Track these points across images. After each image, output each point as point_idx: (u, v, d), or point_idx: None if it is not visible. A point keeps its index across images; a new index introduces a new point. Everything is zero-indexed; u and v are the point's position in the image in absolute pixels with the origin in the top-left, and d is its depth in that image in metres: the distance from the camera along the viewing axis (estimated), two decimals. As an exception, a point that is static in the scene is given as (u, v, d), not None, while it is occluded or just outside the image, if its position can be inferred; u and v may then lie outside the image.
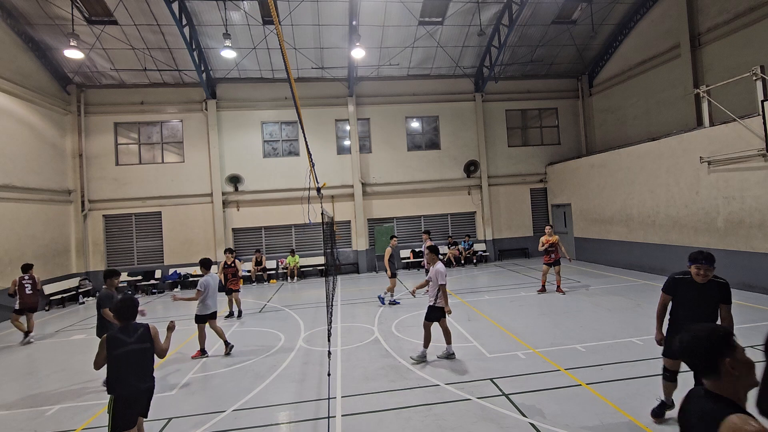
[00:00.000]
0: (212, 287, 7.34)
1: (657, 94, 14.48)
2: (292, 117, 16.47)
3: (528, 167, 18.06)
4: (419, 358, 6.35)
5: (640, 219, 12.74)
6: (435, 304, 6.31)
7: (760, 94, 8.84)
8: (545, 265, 10.54)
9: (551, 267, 10.44)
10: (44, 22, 13.03)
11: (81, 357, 7.67)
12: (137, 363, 3.71)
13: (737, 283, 9.65)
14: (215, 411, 5.12)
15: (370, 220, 17.03)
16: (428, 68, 17.14)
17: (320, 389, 5.59)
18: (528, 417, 4.51)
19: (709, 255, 4.02)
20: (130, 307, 3.84)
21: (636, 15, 15.14)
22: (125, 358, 3.64)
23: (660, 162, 11.83)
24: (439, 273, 6.27)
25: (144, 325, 3.88)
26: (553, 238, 10.41)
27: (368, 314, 9.63)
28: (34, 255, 12.67)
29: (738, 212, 9.65)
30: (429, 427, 4.43)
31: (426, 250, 6.74)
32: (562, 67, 17.95)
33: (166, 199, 15.72)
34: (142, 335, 3.78)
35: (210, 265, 7.73)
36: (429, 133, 17.81)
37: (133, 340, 3.72)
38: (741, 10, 11.50)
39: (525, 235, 17.85)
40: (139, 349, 3.73)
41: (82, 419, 5.15)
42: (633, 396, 4.82)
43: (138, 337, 3.76)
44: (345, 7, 13.76)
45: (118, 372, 3.61)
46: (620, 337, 6.89)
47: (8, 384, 6.60)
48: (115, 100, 15.66)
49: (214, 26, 14.05)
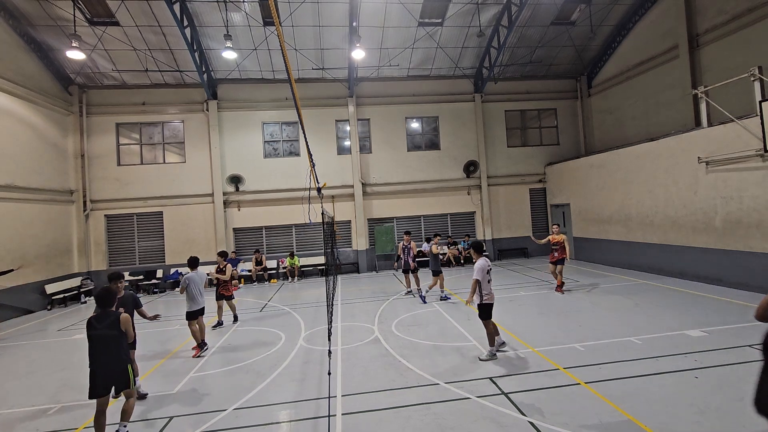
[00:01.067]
0: (196, 282, 7.50)
1: (656, 95, 14.53)
2: (292, 117, 16.52)
3: (527, 167, 18.11)
4: (489, 356, 6.30)
5: (639, 219, 12.79)
6: (483, 302, 6.31)
7: (758, 94, 8.90)
8: (551, 264, 10.63)
9: (556, 265, 10.50)
10: (46, 23, 13.09)
11: (82, 356, 7.69)
12: (106, 346, 4.34)
13: (735, 283, 9.71)
14: (216, 410, 5.16)
15: (370, 220, 17.07)
16: (428, 69, 17.19)
17: (320, 388, 5.64)
18: (527, 416, 4.55)
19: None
20: (105, 297, 4.45)
21: (635, 16, 15.19)
22: (96, 340, 4.31)
23: (658, 162, 11.87)
24: (475, 268, 6.30)
25: (117, 314, 4.49)
26: (560, 237, 10.48)
27: (368, 313, 9.67)
28: (36, 255, 12.74)
29: (736, 212, 9.69)
30: (429, 426, 4.47)
31: (469, 246, 6.72)
32: (561, 68, 18.00)
33: (168, 199, 15.77)
34: (111, 323, 4.38)
35: (197, 263, 7.82)
36: (429, 134, 17.86)
37: (102, 327, 4.34)
38: (739, 11, 11.55)
39: (524, 235, 17.88)
40: (107, 335, 4.34)
41: (83, 418, 5.19)
42: (632, 395, 4.87)
43: (107, 324, 4.36)
44: (345, 8, 13.81)
45: (91, 350, 4.32)
46: (619, 336, 6.94)
47: (10, 383, 6.64)
48: (116, 100, 15.72)
49: (215, 27, 14.10)
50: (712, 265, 10.32)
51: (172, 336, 8.81)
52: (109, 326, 4.35)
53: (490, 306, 6.33)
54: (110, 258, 15.52)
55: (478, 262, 6.37)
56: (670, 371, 5.44)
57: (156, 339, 8.65)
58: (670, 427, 4.15)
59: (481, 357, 6.36)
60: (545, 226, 18.18)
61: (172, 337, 8.69)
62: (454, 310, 9.50)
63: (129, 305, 5.62)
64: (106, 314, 4.42)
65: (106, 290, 4.51)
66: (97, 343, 4.31)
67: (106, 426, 4.42)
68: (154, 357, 7.43)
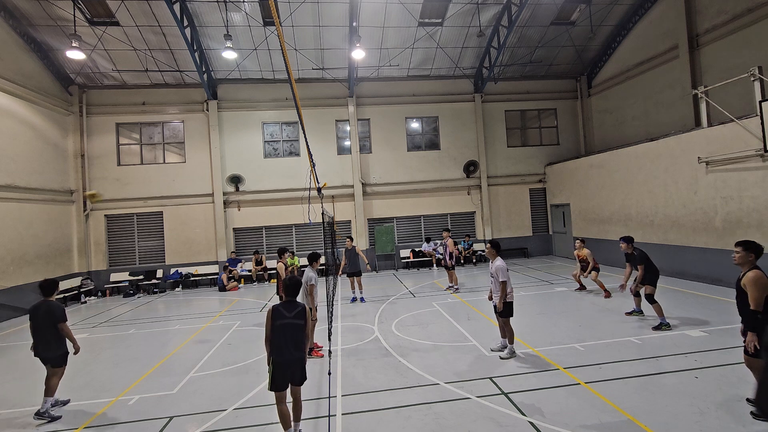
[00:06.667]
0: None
1: (655, 95, 14.53)
2: (292, 117, 16.53)
3: (527, 167, 18.11)
4: (510, 354, 6.26)
5: (639, 219, 12.79)
6: (506, 300, 6.23)
7: (758, 94, 8.90)
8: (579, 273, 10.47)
9: (590, 273, 10.17)
10: (46, 23, 13.09)
11: (82, 356, 7.69)
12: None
13: (734, 283, 9.69)
14: (216, 410, 5.16)
15: (370, 220, 17.08)
16: (428, 69, 17.19)
17: (321, 388, 5.64)
18: (527, 415, 4.55)
19: None
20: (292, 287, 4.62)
21: (634, 16, 15.19)
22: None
23: (658, 162, 11.88)
24: (500, 269, 6.17)
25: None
26: (583, 252, 10.26)
27: (368, 313, 9.67)
28: (36, 254, 12.75)
29: (736, 212, 9.70)
30: (429, 426, 4.47)
31: (488, 244, 6.55)
32: (561, 68, 18.00)
33: (168, 199, 15.78)
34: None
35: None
36: (429, 134, 17.86)
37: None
38: (739, 11, 11.55)
39: (524, 235, 17.90)
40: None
41: (84, 418, 5.19)
42: (631, 394, 4.87)
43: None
44: (345, 9, 13.81)
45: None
46: (619, 336, 6.94)
47: (10, 383, 6.64)
48: (116, 100, 15.72)
49: (216, 27, 14.10)
50: (712, 265, 10.32)
51: (172, 336, 8.81)
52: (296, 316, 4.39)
53: (512, 304, 6.29)
54: (110, 258, 15.52)
55: (498, 261, 6.24)
56: (670, 371, 5.44)
57: (156, 339, 8.66)
58: (670, 427, 4.15)
59: (502, 355, 6.30)
60: (545, 226, 18.20)
61: (173, 337, 8.69)
62: (454, 310, 9.51)
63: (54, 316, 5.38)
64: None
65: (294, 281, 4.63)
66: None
67: (102, 427, 4.36)
68: (154, 357, 7.43)
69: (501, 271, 6.16)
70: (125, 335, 9.14)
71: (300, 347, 4.32)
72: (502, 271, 6.15)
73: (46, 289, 5.47)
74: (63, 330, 5.35)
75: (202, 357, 7.24)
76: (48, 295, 5.48)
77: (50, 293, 5.50)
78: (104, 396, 5.82)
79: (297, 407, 4.36)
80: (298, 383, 4.32)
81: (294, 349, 4.26)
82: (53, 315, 5.34)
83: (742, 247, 4.23)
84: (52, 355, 5.35)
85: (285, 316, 4.31)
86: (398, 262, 17.06)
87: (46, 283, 5.53)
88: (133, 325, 10.12)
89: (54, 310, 5.38)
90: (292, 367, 4.25)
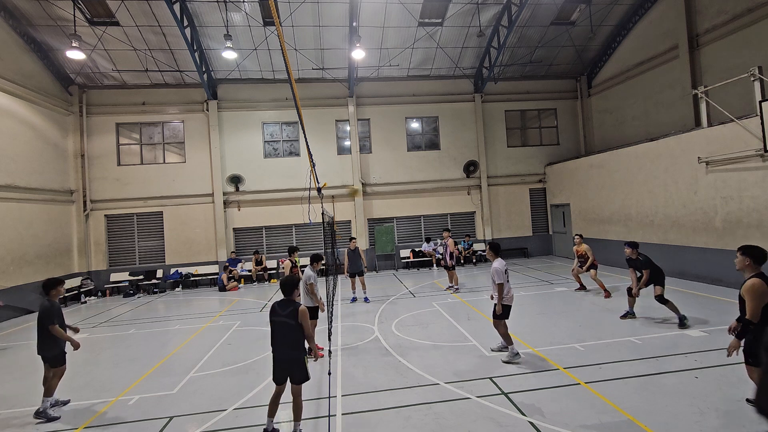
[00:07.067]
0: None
1: (655, 95, 14.53)
2: (292, 117, 16.53)
3: (527, 167, 18.11)
4: (511, 357, 6.14)
5: (639, 219, 12.79)
6: (503, 303, 6.13)
7: (758, 94, 8.90)
8: (577, 269, 10.44)
9: (588, 269, 10.16)
10: (46, 23, 13.09)
11: (82, 356, 7.70)
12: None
13: (735, 283, 9.70)
14: (216, 410, 5.16)
15: (370, 220, 17.08)
16: (428, 69, 17.19)
17: (321, 388, 5.64)
18: (527, 415, 4.55)
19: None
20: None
21: (634, 16, 15.19)
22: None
23: (658, 162, 11.88)
24: (495, 272, 6.06)
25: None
26: (581, 248, 10.25)
27: (368, 313, 9.68)
28: (36, 254, 12.75)
29: (736, 212, 9.69)
30: (429, 426, 4.47)
31: (487, 246, 6.46)
32: (561, 68, 18.00)
33: (168, 199, 15.77)
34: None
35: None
36: (429, 134, 17.86)
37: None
38: (739, 11, 11.55)
39: (524, 235, 17.90)
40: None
41: (83, 418, 5.19)
42: (631, 394, 4.87)
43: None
44: (345, 9, 13.82)
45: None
46: (619, 336, 6.94)
47: (10, 383, 6.64)
48: (116, 100, 15.72)
49: (216, 27, 14.10)
50: (712, 265, 10.32)
51: (172, 336, 8.81)
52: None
53: (509, 307, 6.19)
54: (110, 258, 15.52)
55: (495, 263, 6.14)
56: (670, 371, 5.45)
57: (156, 339, 8.66)
58: (670, 427, 4.15)
59: (504, 359, 6.17)
60: (545, 226, 18.20)
61: (173, 337, 8.69)
62: (455, 310, 9.51)
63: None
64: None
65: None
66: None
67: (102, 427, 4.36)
68: (154, 357, 7.43)
69: (496, 273, 6.06)
70: (125, 335, 9.14)
71: (295, 346, 4.34)
72: (498, 273, 6.04)
73: (45, 288, 5.53)
74: (53, 331, 5.35)
75: (202, 357, 7.24)
76: (46, 293, 5.52)
77: (47, 291, 5.54)
78: (104, 396, 5.82)
79: (296, 406, 4.37)
80: (297, 382, 4.34)
81: (287, 347, 4.32)
82: (45, 315, 5.38)
83: (740, 251, 4.20)
84: (48, 354, 5.38)
85: (279, 313, 4.41)
86: (398, 262, 17.07)
87: (45, 281, 5.59)
88: (133, 325, 10.12)
89: (46, 310, 5.40)
90: (286, 364, 4.34)
